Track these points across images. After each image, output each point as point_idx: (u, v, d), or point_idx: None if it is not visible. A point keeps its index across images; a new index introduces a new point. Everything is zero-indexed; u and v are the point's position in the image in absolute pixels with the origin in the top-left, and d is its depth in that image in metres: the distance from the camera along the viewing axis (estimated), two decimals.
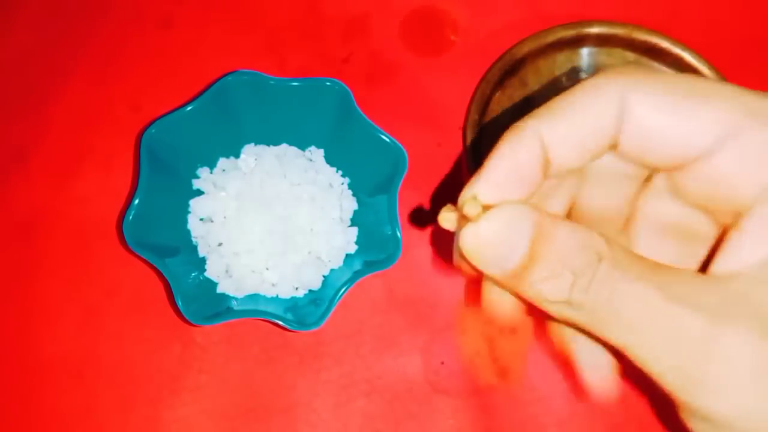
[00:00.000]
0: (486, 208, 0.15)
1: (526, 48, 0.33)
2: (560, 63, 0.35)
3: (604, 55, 0.35)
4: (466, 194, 0.16)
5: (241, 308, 0.31)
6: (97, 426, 0.31)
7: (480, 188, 0.16)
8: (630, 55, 0.33)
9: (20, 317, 0.32)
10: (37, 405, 0.31)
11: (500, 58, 0.33)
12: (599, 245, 0.16)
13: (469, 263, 0.16)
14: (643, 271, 0.16)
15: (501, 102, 0.34)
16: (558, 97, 0.17)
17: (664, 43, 0.32)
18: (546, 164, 0.17)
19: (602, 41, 0.34)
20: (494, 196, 0.16)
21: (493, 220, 0.15)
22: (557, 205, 0.19)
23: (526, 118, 0.17)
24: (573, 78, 0.35)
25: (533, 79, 0.34)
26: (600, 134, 0.17)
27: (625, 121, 0.16)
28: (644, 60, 0.33)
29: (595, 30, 0.34)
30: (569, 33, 0.34)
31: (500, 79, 0.33)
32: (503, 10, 0.37)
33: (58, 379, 0.31)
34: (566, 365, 0.18)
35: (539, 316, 0.17)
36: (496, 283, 0.17)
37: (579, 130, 0.17)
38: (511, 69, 0.34)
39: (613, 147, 0.17)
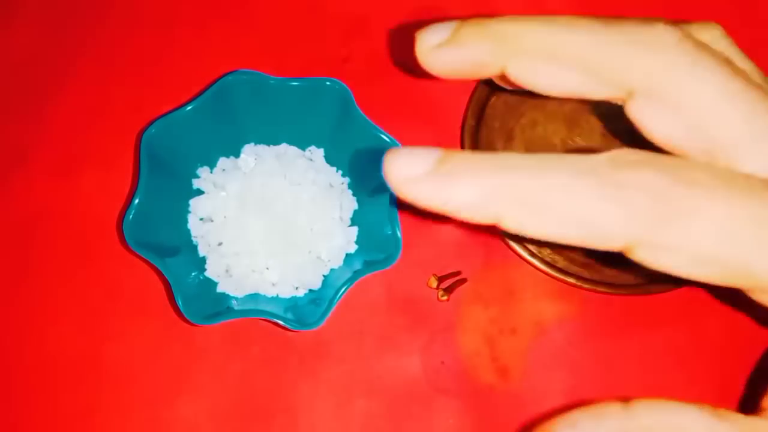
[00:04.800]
0: None
1: None
2: None
3: None
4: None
5: (241, 308, 0.31)
6: (97, 426, 0.31)
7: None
8: None
9: (20, 317, 0.32)
10: (37, 405, 0.31)
11: None
12: None
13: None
14: None
15: (497, 107, 0.34)
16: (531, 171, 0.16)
17: None
18: None
19: None
20: None
21: None
22: None
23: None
24: None
25: None
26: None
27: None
28: None
29: None
30: None
31: (495, 84, 0.34)
32: (503, 10, 0.37)
33: (58, 379, 0.31)
34: None
35: None
36: None
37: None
38: None
39: None
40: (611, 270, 0.32)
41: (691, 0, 0.36)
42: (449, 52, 0.19)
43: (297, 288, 0.31)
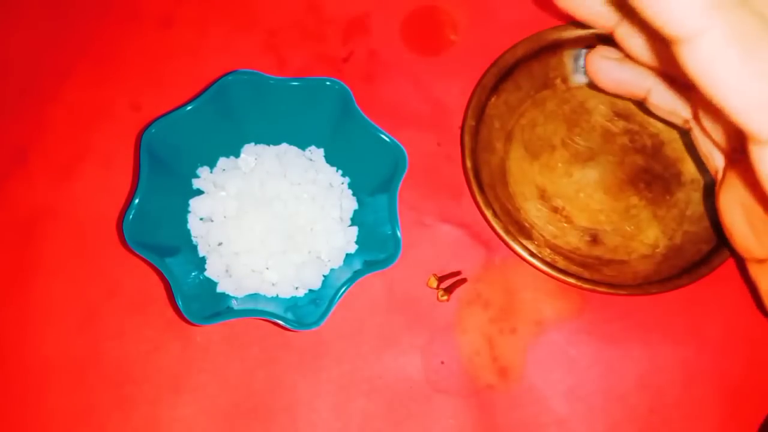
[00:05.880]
0: None
1: (519, 52, 0.34)
2: (553, 65, 0.35)
3: None
4: None
5: (241, 308, 0.31)
6: (97, 426, 0.31)
7: None
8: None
9: (20, 317, 0.32)
10: (37, 405, 0.31)
11: (494, 63, 0.34)
12: None
13: None
14: None
15: (497, 106, 0.34)
16: None
17: None
18: None
19: (593, 42, 0.34)
20: None
21: None
22: None
23: None
24: (567, 80, 0.35)
25: (527, 83, 0.35)
26: None
27: None
28: None
29: (586, 32, 0.34)
30: (561, 36, 0.34)
31: (495, 84, 0.34)
32: (503, 10, 0.37)
33: (58, 379, 0.31)
34: None
35: None
36: None
37: None
38: (505, 73, 0.34)
39: None
40: (611, 270, 0.32)
41: None
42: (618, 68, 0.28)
43: (297, 288, 0.31)
